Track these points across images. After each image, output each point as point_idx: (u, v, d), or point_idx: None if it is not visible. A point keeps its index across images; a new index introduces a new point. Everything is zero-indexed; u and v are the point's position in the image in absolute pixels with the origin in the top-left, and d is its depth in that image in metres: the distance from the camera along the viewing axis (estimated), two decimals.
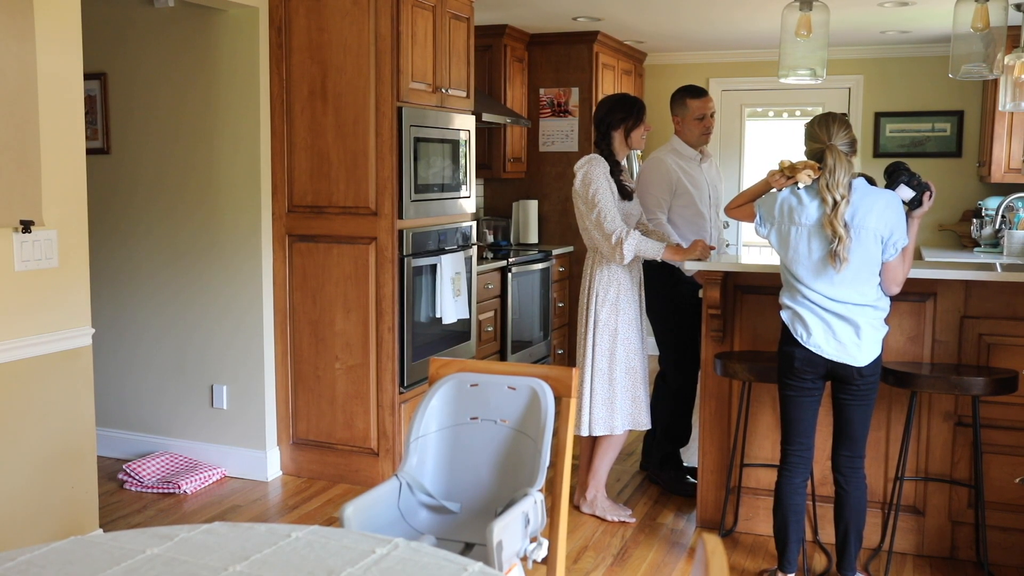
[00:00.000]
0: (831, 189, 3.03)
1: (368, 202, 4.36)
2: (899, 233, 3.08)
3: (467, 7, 4.88)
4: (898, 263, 3.13)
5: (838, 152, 3.05)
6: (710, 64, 7.53)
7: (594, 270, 4.01)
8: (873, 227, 3.05)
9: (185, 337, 4.66)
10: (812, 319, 3.14)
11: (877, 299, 3.15)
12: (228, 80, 4.44)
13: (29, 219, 3.09)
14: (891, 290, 3.16)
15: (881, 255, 3.09)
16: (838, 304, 3.11)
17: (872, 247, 3.07)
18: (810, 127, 3.19)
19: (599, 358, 3.98)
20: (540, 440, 2.52)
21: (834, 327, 3.13)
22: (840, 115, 3.18)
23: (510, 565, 2.31)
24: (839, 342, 3.12)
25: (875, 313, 3.15)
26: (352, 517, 2.32)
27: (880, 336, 3.17)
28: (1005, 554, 3.61)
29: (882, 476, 3.75)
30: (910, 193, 3.17)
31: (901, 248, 3.10)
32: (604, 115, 4.05)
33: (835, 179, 3.04)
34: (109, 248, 4.73)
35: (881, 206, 3.06)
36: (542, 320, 6.22)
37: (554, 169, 6.67)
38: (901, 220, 3.09)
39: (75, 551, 1.79)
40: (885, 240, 3.07)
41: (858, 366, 3.14)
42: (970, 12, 3.77)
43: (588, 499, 4.11)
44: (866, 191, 3.09)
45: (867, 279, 3.11)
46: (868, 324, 3.13)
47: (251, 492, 4.44)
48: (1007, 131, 6.12)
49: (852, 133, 3.15)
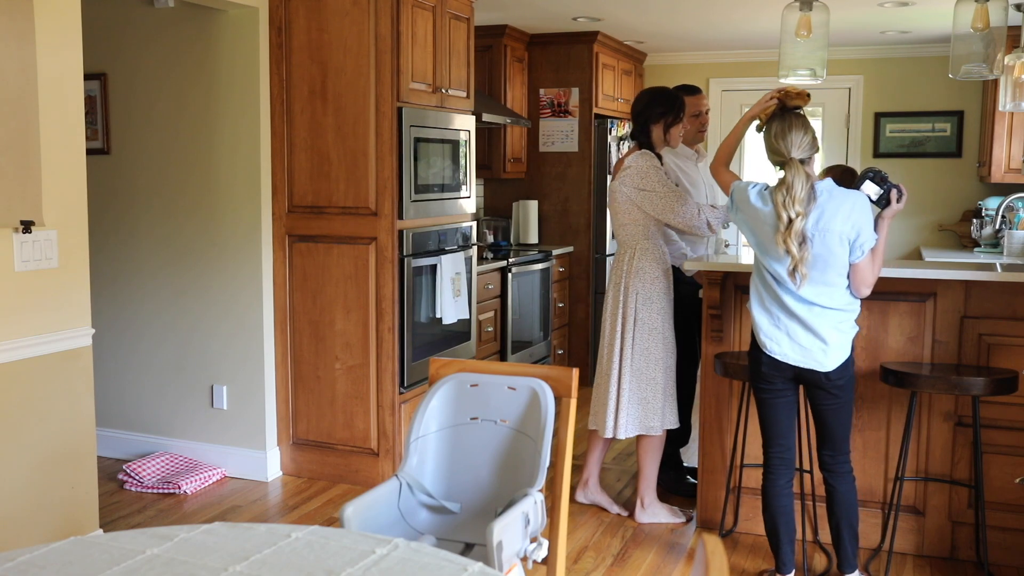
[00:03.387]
0: (786, 207, 2.92)
1: (368, 202, 4.36)
2: (866, 234, 3.00)
3: (467, 7, 4.88)
4: (867, 265, 3.04)
5: (797, 166, 2.95)
6: (710, 64, 7.54)
7: (631, 267, 3.97)
8: (839, 229, 2.97)
9: (185, 337, 4.66)
10: (778, 324, 3.09)
11: (847, 303, 3.08)
12: (228, 80, 4.44)
13: (29, 219, 3.09)
14: (861, 292, 3.09)
15: (848, 257, 3.01)
16: (805, 306, 3.05)
17: (838, 249, 2.99)
18: (768, 137, 3.05)
19: (638, 357, 3.95)
20: (540, 440, 2.52)
21: (799, 332, 3.07)
22: (795, 114, 3.06)
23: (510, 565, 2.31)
24: (804, 348, 3.07)
25: (843, 316, 3.09)
26: (352, 517, 2.32)
27: (848, 339, 3.11)
28: (1005, 554, 3.61)
29: (882, 476, 3.75)
30: (875, 189, 3.08)
31: (869, 249, 3.02)
32: (643, 108, 4.03)
33: (791, 195, 2.93)
34: (109, 248, 4.73)
35: (847, 208, 2.98)
36: (542, 320, 6.21)
37: (554, 169, 6.67)
38: (868, 221, 3.00)
39: (75, 551, 1.79)
40: (852, 242, 2.99)
41: (825, 371, 3.08)
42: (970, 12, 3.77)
43: (646, 506, 4.06)
44: (832, 194, 3.00)
45: (835, 282, 3.04)
46: (834, 328, 3.06)
47: (251, 492, 4.44)
48: (1007, 131, 6.12)
49: (812, 132, 3.03)
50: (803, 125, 3.03)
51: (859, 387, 3.73)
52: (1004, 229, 6.17)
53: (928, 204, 7.11)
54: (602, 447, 4.22)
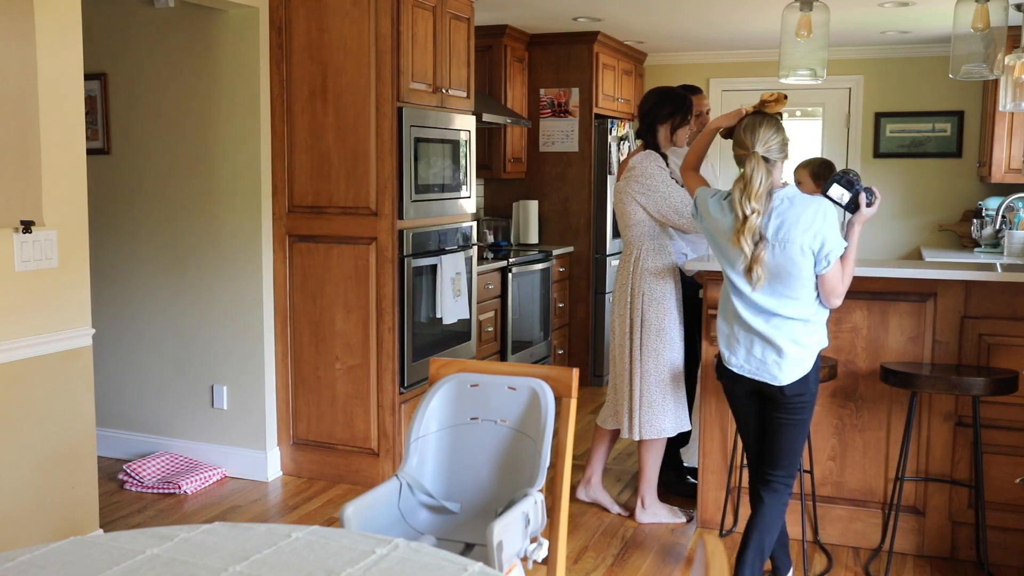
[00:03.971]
0: (742, 203, 2.81)
1: (368, 202, 4.36)
2: (832, 243, 2.82)
3: (467, 7, 4.88)
4: (835, 274, 2.87)
5: (759, 160, 2.81)
6: (710, 64, 7.54)
7: (637, 267, 3.97)
8: (800, 239, 2.80)
9: (185, 337, 4.66)
10: (737, 336, 2.99)
11: (812, 313, 2.93)
12: (228, 80, 4.44)
13: (29, 219, 3.09)
14: (831, 303, 2.93)
15: (814, 268, 2.85)
16: (763, 317, 2.92)
17: (801, 260, 2.83)
18: (738, 130, 2.92)
19: (647, 359, 3.95)
20: (540, 440, 2.52)
21: (755, 345, 2.94)
22: (771, 116, 2.92)
23: (510, 565, 2.31)
24: (759, 360, 2.95)
25: (806, 328, 2.93)
26: (352, 517, 2.32)
27: (809, 353, 2.95)
28: (1005, 554, 3.61)
29: (882, 476, 3.75)
30: (843, 193, 2.90)
31: (836, 259, 2.85)
32: (651, 108, 4.02)
33: (749, 191, 2.80)
34: (109, 248, 4.73)
35: (809, 216, 2.82)
36: (542, 320, 6.21)
37: (554, 169, 6.67)
38: (833, 228, 2.83)
39: (75, 551, 1.79)
40: (816, 252, 2.82)
41: (779, 385, 2.95)
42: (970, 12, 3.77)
43: (646, 506, 4.07)
44: (793, 201, 2.84)
45: (798, 294, 2.89)
46: (792, 340, 2.91)
47: (251, 492, 4.44)
48: (1007, 131, 6.12)
49: (783, 135, 2.89)
50: (777, 127, 2.88)
51: (859, 387, 3.74)
52: (1004, 229, 6.17)
53: (928, 204, 7.11)
54: (607, 446, 4.23)
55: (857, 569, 3.62)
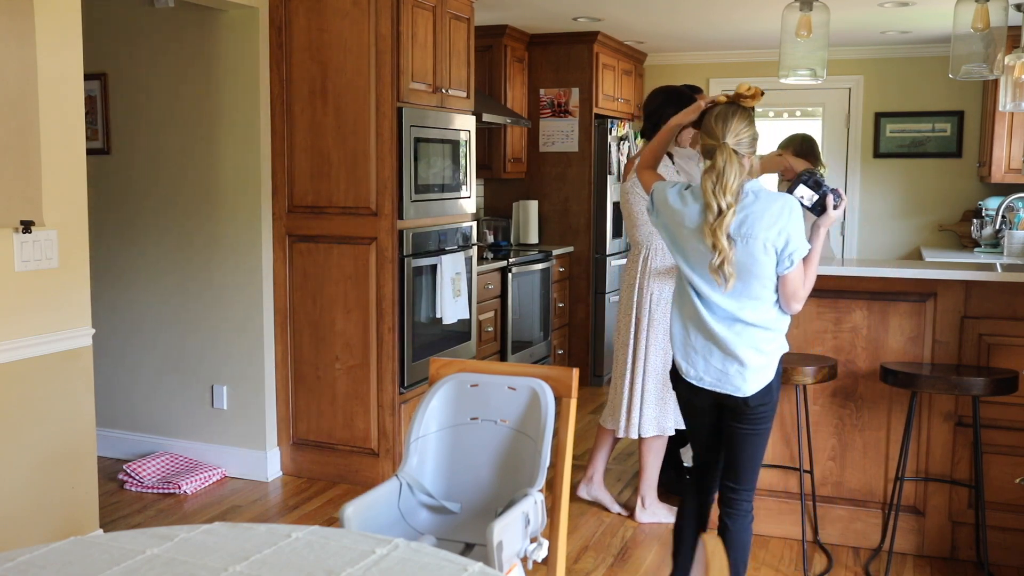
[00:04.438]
0: (716, 195, 2.62)
1: (368, 202, 4.36)
2: (796, 242, 2.66)
3: (467, 7, 4.88)
4: (797, 276, 2.70)
5: (730, 152, 2.64)
6: (710, 64, 7.54)
7: (644, 266, 3.98)
8: (763, 236, 2.64)
9: (185, 337, 4.66)
10: (695, 345, 2.80)
11: (773, 319, 2.75)
12: (228, 80, 4.44)
13: (29, 219, 3.09)
14: (791, 307, 2.75)
15: (775, 267, 2.69)
16: (725, 323, 2.74)
17: (763, 258, 2.66)
18: (708, 120, 2.74)
19: (652, 357, 3.95)
20: (540, 440, 2.52)
21: (715, 354, 2.76)
22: (744, 108, 2.74)
23: (510, 565, 2.31)
24: (720, 371, 2.76)
25: (767, 335, 2.75)
26: (352, 517, 2.32)
27: (771, 361, 2.78)
28: (1005, 554, 3.60)
29: (882, 476, 3.75)
30: (810, 194, 2.77)
31: (799, 259, 2.69)
32: (656, 107, 3.99)
33: (723, 183, 2.62)
34: (109, 248, 4.73)
35: (774, 212, 2.65)
36: (542, 320, 6.21)
37: (554, 169, 6.67)
38: (798, 227, 2.67)
39: (75, 551, 1.79)
40: (779, 251, 2.66)
41: (743, 396, 2.77)
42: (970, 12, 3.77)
43: (646, 506, 4.07)
44: (759, 195, 2.69)
45: (759, 295, 2.71)
46: (754, 348, 2.74)
47: (251, 492, 4.44)
48: (1007, 131, 6.12)
49: (754, 129, 2.73)
50: (749, 121, 2.71)
51: (859, 387, 3.74)
52: (1004, 229, 6.17)
53: (928, 204, 7.11)
54: (610, 445, 4.23)
55: (857, 569, 3.61)
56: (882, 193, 7.22)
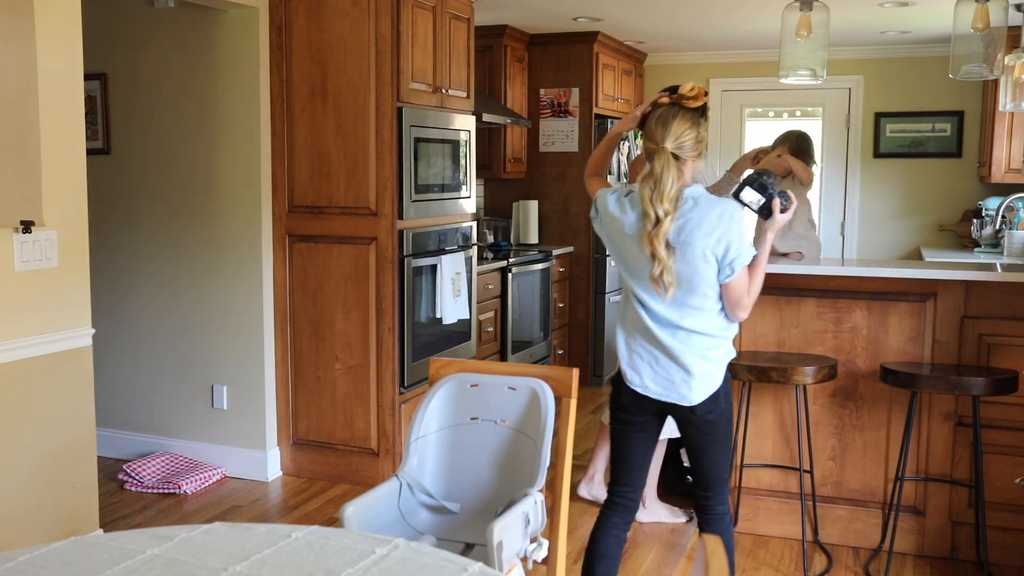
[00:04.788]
0: (654, 203, 2.51)
1: (368, 202, 4.36)
2: (737, 249, 2.54)
3: (467, 7, 4.88)
4: (740, 284, 2.59)
5: (668, 157, 2.52)
6: (710, 64, 7.54)
7: None
8: (702, 244, 2.53)
9: (185, 337, 4.66)
10: (640, 353, 2.69)
11: (719, 327, 2.65)
12: (228, 80, 4.44)
13: (29, 219, 3.09)
14: (736, 315, 2.65)
15: (717, 276, 2.58)
16: (668, 331, 2.63)
17: (703, 267, 2.55)
18: (648, 123, 2.61)
19: None
20: (540, 440, 2.52)
21: (661, 362, 2.66)
22: (687, 109, 2.59)
23: (510, 565, 2.31)
24: (666, 379, 2.66)
25: (713, 343, 2.65)
26: (352, 517, 2.32)
27: (718, 368, 2.68)
28: (1005, 554, 3.60)
29: (882, 476, 3.75)
30: (756, 198, 2.65)
31: (743, 267, 2.57)
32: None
33: (659, 190, 2.50)
34: (109, 248, 4.73)
35: (712, 219, 2.53)
36: (542, 320, 6.21)
37: (554, 169, 6.67)
38: (739, 233, 2.55)
39: (75, 551, 1.79)
40: (720, 259, 2.55)
41: (689, 405, 2.67)
42: (970, 12, 3.77)
43: (646, 506, 4.05)
44: (698, 201, 2.56)
45: (702, 304, 2.61)
46: (700, 356, 2.64)
47: (251, 492, 4.44)
48: (1007, 131, 6.12)
49: (699, 132, 2.58)
50: (692, 122, 2.57)
51: (859, 387, 3.74)
52: (1004, 229, 6.17)
53: (928, 204, 7.11)
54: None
55: (857, 569, 3.62)
56: (882, 193, 7.22)
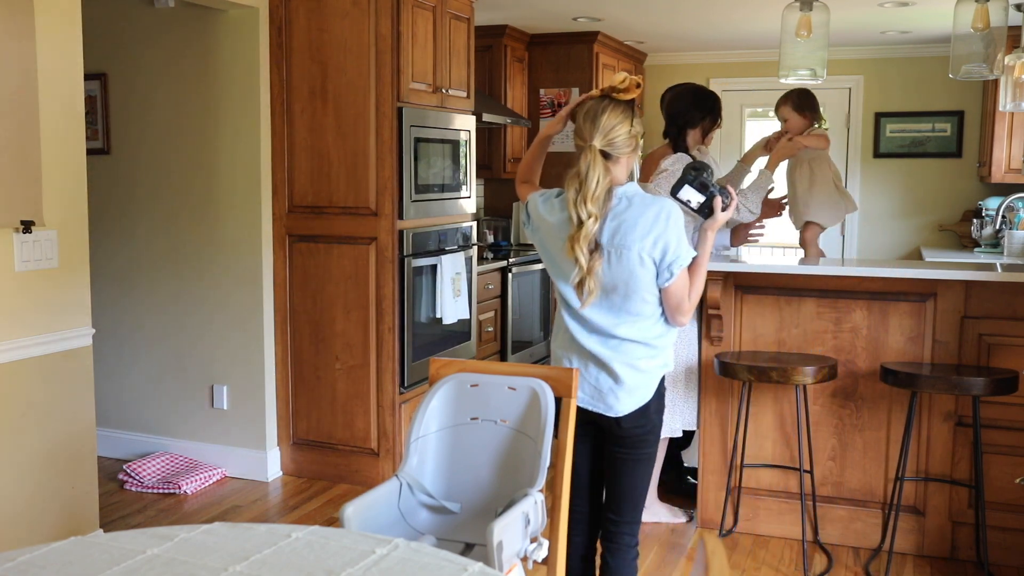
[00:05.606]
0: (578, 205, 2.37)
1: (368, 202, 4.36)
2: (676, 251, 2.41)
3: (467, 7, 4.88)
4: (680, 288, 2.46)
5: (596, 156, 2.38)
6: (710, 64, 7.54)
7: None
8: (637, 247, 2.40)
9: (185, 337, 4.66)
10: (570, 359, 2.62)
11: (656, 335, 2.53)
12: (228, 80, 4.44)
13: (29, 219, 3.09)
14: (676, 321, 2.53)
15: (656, 280, 2.45)
16: (599, 338, 2.53)
17: (639, 271, 2.42)
18: (578, 117, 2.47)
19: None
20: (540, 440, 2.52)
21: (591, 369, 2.56)
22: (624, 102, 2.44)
23: (510, 565, 2.31)
24: (594, 388, 2.57)
25: (648, 351, 2.53)
26: (352, 517, 2.32)
27: (651, 380, 2.56)
28: (1005, 554, 3.60)
29: (882, 476, 3.75)
30: (696, 196, 2.54)
31: (681, 270, 2.44)
32: (683, 110, 3.91)
33: (585, 191, 2.37)
34: (109, 248, 4.73)
35: (648, 219, 2.40)
36: (542, 320, 6.21)
37: (554, 169, 6.59)
38: (678, 235, 2.42)
39: (75, 551, 1.79)
40: (657, 262, 2.42)
41: (614, 416, 2.57)
42: (970, 12, 3.77)
43: (647, 506, 4.03)
44: (633, 201, 2.43)
45: (639, 310, 2.48)
46: (630, 365, 2.53)
47: (251, 492, 4.44)
48: (1007, 131, 6.13)
49: (632, 126, 2.43)
50: (623, 116, 2.42)
51: (859, 387, 3.74)
52: (1004, 229, 6.17)
53: (928, 204, 7.11)
54: None
55: (857, 569, 3.62)
56: (882, 193, 7.22)
